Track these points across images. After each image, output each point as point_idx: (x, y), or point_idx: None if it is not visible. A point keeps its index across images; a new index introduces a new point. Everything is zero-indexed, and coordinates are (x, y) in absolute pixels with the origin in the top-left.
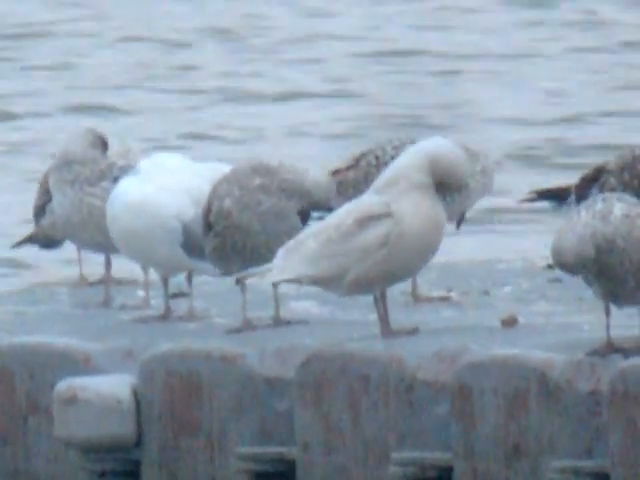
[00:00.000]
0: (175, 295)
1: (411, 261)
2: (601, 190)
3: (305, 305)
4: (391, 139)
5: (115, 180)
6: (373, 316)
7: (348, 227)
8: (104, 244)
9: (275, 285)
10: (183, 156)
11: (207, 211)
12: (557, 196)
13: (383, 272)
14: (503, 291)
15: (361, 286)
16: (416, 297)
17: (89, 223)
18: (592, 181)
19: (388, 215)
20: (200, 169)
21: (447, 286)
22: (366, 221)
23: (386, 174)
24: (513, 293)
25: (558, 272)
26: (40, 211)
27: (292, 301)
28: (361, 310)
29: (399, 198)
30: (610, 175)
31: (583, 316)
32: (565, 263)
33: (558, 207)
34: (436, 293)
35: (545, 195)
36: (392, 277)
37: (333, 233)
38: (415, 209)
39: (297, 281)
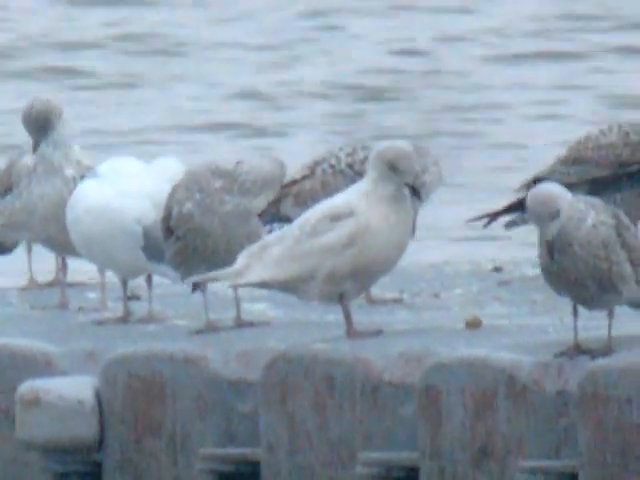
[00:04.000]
0: (129, 298)
1: (380, 260)
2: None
3: (260, 307)
4: (341, 146)
5: (81, 179)
6: (331, 317)
7: (312, 227)
8: (69, 244)
9: (235, 287)
10: (138, 160)
11: (167, 216)
12: (512, 210)
13: (353, 270)
14: (454, 293)
15: (332, 286)
16: (369, 299)
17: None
18: None
19: (351, 214)
20: (155, 168)
21: (397, 289)
22: (330, 220)
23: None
24: (464, 295)
25: (506, 275)
26: None
27: (246, 303)
28: (317, 312)
29: (366, 200)
30: None
31: (538, 318)
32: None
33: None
34: (389, 295)
35: (501, 213)
36: (362, 277)
37: (298, 234)
38: (379, 209)
39: (263, 285)
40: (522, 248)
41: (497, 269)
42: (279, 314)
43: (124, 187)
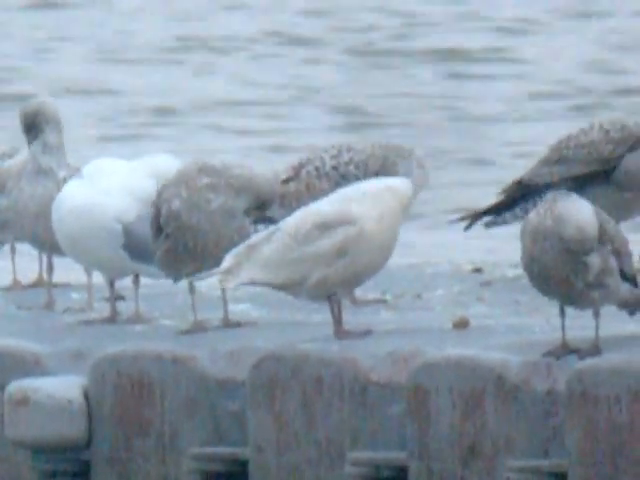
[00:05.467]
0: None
1: (371, 266)
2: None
3: (242, 308)
4: (326, 148)
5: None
6: (317, 317)
7: (305, 234)
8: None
9: (224, 289)
10: (122, 160)
11: (156, 215)
12: (494, 211)
13: (344, 277)
14: (436, 294)
15: (322, 291)
16: (353, 300)
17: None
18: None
19: (346, 222)
20: (141, 166)
21: (379, 289)
22: (324, 228)
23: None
24: (446, 296)
25: (487, 276)
26: None
27: (229, 304)
28: (302, 312)
29: (361, 205)
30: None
31: (523, 318)
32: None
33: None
34: (371, 296)
35: (483, 214)
36: (352, 282)
37: (290, 240)
38: (375, 215)
39: (253, 284)
40: (501, 248)
41: (477, 270)
42: (263, 314)
43: (105, 185)
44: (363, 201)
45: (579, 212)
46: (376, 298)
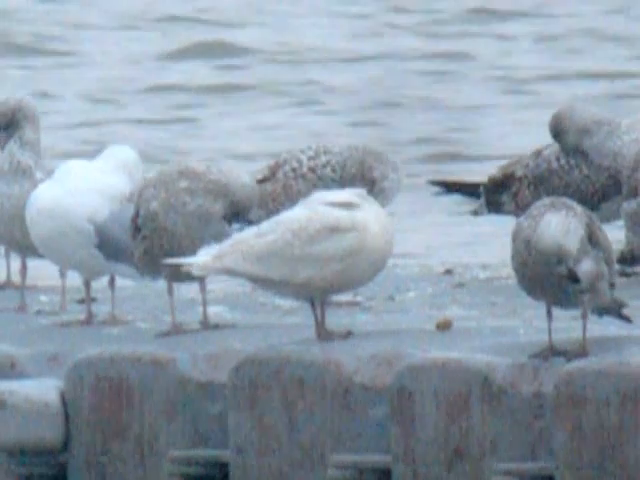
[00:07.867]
0: (83, 300)
1: (364, 276)
2: (515, 201)
3: (215, 310)
4: (303, 149)
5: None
6: (291, 320)
7: (312, 234)
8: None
9: (202, 280)
10: (91, 161)
11: (135, 215)
12: (465, 191)
13: (336, 283)
14: (408, 296)
15: (307, 292)
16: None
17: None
18: (501, 187)
19: (358, 229)
20: (106, 162)
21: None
22: (334, 231)
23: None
24: (420, 298)
25: (458, 278)
26: None
27: (200, 306)
28: (276, 314)
29: (364, 210)
30: (522, 186)
31: (501, 320)
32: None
33: (467, 201)
34: (344, 298)
35: (453, 188)
36: (340, 288)
37: (292, 237)
38: (381, 228)
39: (237, 274)
40: (471, 251)
41: (448, 271)
42: (236, 316)
43: (75, 186)
44: (370, 211)
45: (546, 231)
46: (349, 300)
